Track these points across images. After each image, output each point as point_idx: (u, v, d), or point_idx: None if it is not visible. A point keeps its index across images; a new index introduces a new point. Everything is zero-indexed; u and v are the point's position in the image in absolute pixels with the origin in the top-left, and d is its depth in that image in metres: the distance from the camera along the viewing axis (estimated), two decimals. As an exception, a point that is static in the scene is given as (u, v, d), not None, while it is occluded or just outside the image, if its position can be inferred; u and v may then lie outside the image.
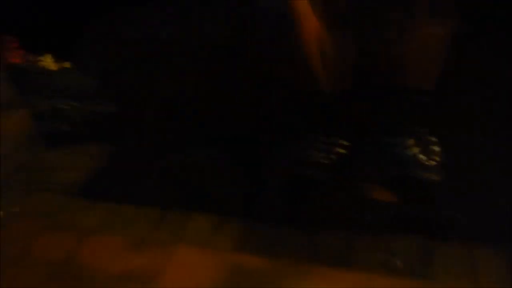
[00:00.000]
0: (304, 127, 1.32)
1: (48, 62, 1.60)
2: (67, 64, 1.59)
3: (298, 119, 1.34)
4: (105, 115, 1.64)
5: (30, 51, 1.60)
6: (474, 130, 1.41)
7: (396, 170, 1.29)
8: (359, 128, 1.33)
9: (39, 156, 1.53)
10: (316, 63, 1.23)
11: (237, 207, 1.29)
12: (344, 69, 1.25)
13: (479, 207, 1.20)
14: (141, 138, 1.60)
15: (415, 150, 1.23)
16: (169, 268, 1.16)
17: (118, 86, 1.78)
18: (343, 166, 1.29)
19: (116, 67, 1.89)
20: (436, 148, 1.23)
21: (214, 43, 1.92)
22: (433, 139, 1.25)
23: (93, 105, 1.64)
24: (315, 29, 1.19)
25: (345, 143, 1.30)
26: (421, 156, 1.22)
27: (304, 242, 1.20)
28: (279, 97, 1.42)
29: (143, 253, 1.20)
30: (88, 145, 1.58)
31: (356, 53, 1.23)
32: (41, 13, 2.01)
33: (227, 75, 1.80)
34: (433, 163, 1.20)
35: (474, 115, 1.45)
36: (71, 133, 1.59)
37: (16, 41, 1.56)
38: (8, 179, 1.38)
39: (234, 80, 1.72)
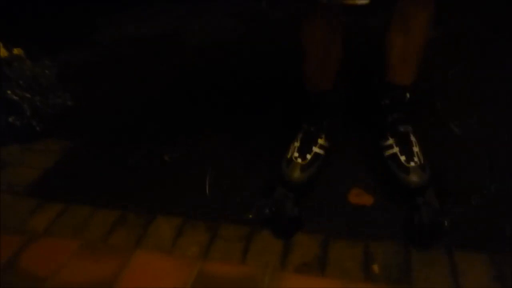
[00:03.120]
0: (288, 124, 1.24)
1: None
2: (19, 51, 1.45)
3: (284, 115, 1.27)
4: (61, 108, 1.53)
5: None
6: (457, 128, 1.36)
7: (375, 171, 1.22)
8: (340, 126, 1.26)
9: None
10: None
11: (206, 210, 1.18)
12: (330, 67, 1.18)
13: (462, 211, 1.13)
14: (101, 135, 1.48)
15: (395, 150, 1.16)
16: (125, 276, 1.04)
17: (77, 78, 1.67)
18: (321, 166, 1.20)
19: (76, 58, 1.78)
20: (417, 149, 1.16)
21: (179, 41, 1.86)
22: (414, 139, 1.18)
23: (49, 97, 1.51)
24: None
25: (323, 143, 1.21)
26: (401, 157, 1.15)
27: (276, 247, 1.10)
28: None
29: (97, 259, 1.08)
30: (41, 141, 1.45)
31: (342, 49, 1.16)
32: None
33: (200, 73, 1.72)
34: (413, 164, 1.13)
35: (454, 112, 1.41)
36: (23, 127, 1.46)
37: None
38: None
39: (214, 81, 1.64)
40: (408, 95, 1.16)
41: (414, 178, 1.10)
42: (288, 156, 1.18)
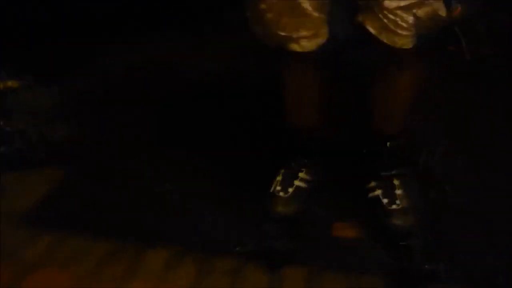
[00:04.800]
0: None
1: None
2: (13, 84, 1.50)
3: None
4: (63, 137, 1.57)
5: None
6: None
7: (358, 206, 1.25)
8: (323, 161, 1.29)
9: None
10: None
11: (195, 243, 1.22)
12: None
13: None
14: (98, 164, 1.52)
15: (377, 192, 1.18)
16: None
17: (80, 108, 1.71)
18: (305, 199, 1.24)
19: (80, 88, 1.82)
20: (399, 192, 1.17)
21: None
22: (397, 182, 1.19)
23: (52, 126, 1.55)
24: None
25: (305, 176, 1.24)
26: (383, 200, 1.16)
27: (263, 281, 1.14)
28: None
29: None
30: (39, 169, 1.48)
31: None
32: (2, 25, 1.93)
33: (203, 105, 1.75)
34: (395, 207, 1.14)
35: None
36: (25, 155, 1.50)
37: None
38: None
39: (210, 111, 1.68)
40: (388, 144, 1.16)
41: (396, 221, 1.13)
42: (271, 191, 1.22)
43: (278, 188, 1.21)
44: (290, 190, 1.21)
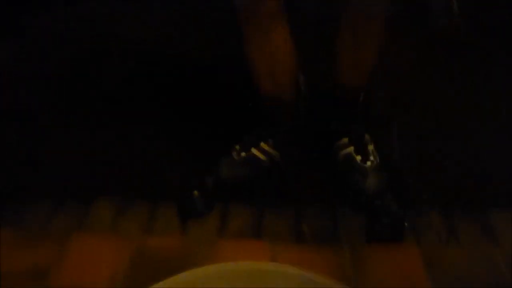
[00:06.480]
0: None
1: None
2: None
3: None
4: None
5: None
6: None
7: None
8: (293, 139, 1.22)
9: None
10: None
11: (145, 190, 1.21)
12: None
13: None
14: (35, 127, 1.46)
15: (350, 149, 1.13)
16: (65, 260, 1.06)
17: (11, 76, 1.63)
18: (259, 172, 1.20)
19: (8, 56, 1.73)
20: (371, 147, 1.13)
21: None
22: (368, 136, 1.15)
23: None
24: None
25: (267, 148, 1.18)
26: (356, 156, 1.12)
27: (212, 217, 1.16)
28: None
29: (35, 247, 1.08)
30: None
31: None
32: None
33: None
34: (369, 164, 1.11)
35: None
36: None
37: None
38: None
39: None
40: (361, 96, 1.11)
41: (372, 180, 1.09)
42: (231, 150, 1.18)
43: (237, 148, 1.16)
44: (243, 155, 1.15)
